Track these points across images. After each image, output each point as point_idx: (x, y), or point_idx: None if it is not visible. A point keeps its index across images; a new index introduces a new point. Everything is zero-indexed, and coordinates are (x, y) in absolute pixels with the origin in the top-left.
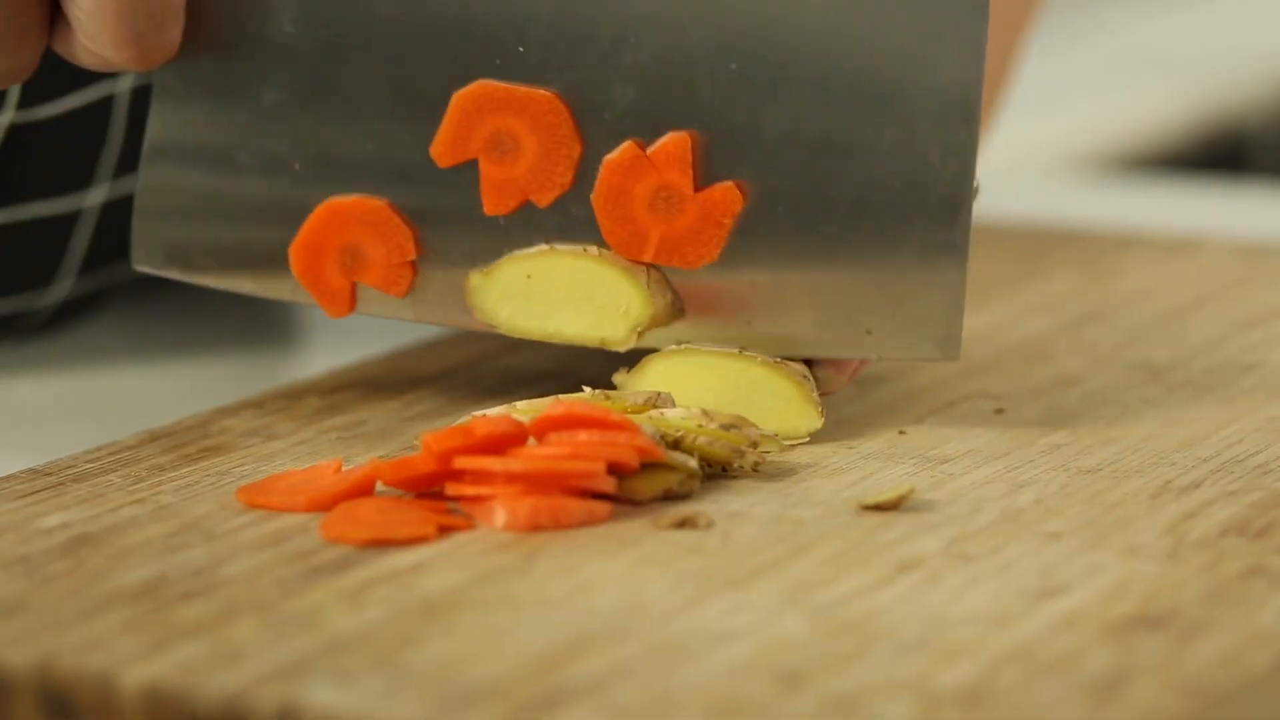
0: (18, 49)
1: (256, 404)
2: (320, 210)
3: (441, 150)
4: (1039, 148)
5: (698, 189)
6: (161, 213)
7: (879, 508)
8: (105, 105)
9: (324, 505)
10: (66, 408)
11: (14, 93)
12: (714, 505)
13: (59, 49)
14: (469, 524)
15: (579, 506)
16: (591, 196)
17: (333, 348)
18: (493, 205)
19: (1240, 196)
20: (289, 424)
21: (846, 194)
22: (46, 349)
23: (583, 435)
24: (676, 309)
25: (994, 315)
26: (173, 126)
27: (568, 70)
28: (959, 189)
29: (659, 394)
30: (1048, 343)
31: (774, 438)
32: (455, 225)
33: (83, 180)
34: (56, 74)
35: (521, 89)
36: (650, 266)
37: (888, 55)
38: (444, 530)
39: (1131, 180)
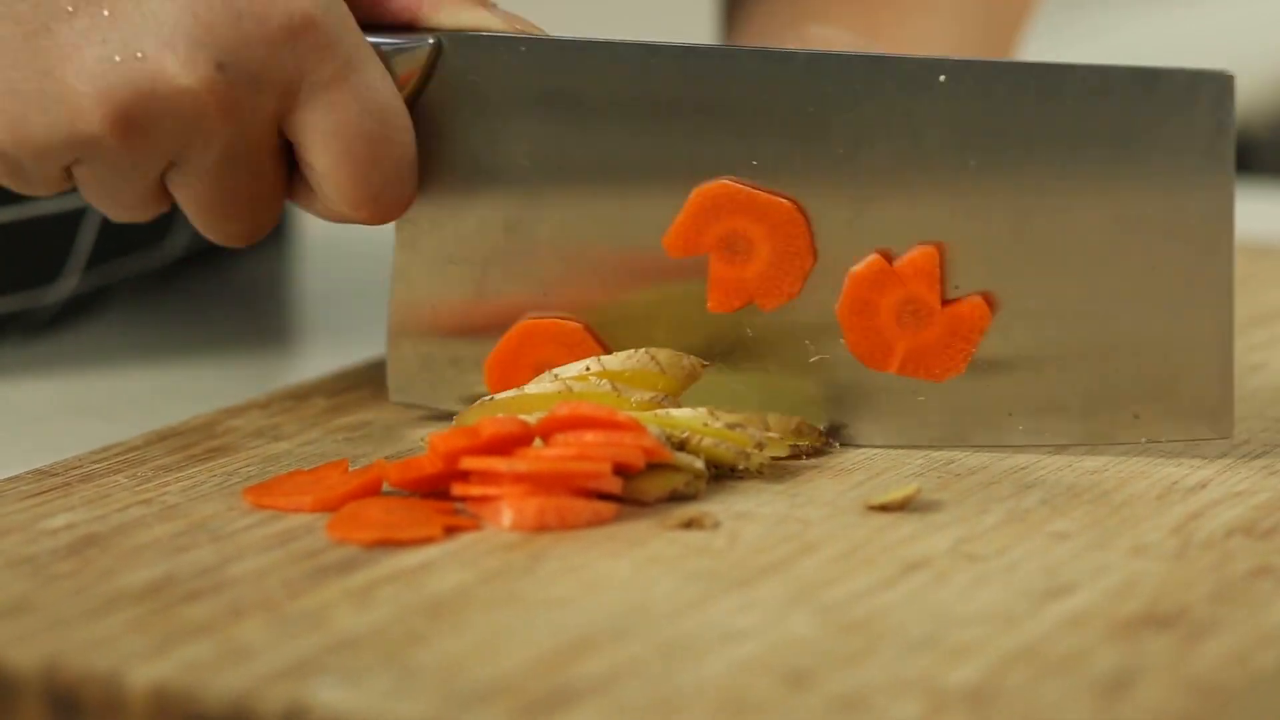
0: (259, 211)
1: (263, 404)
2: (517, 328)
3: (673, 241)
4: None
5: (945, 301)
6: (414, 343)
7: (886, 508)
8: None
9: (330, 505)
10: (73, 408)
11: None
12: (720, 505)
13: (300, 206)
14: (475, 524)
15: (585, 507)
16: (836, 307)
17: (339, 349)
18: (717, 302)
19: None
20: (295, 424)
21: (1107, 286)
22: (53, 349)
23: (589, 436)
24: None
25: None
26: (416, 257)
27: (803, 180)
28: (1221, 261)
29: (665, 396)
30: None
31: (810, 431)
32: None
33: None
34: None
35: (763, 194)
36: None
37: (1135, 135)
38: (450, 530)
39: None
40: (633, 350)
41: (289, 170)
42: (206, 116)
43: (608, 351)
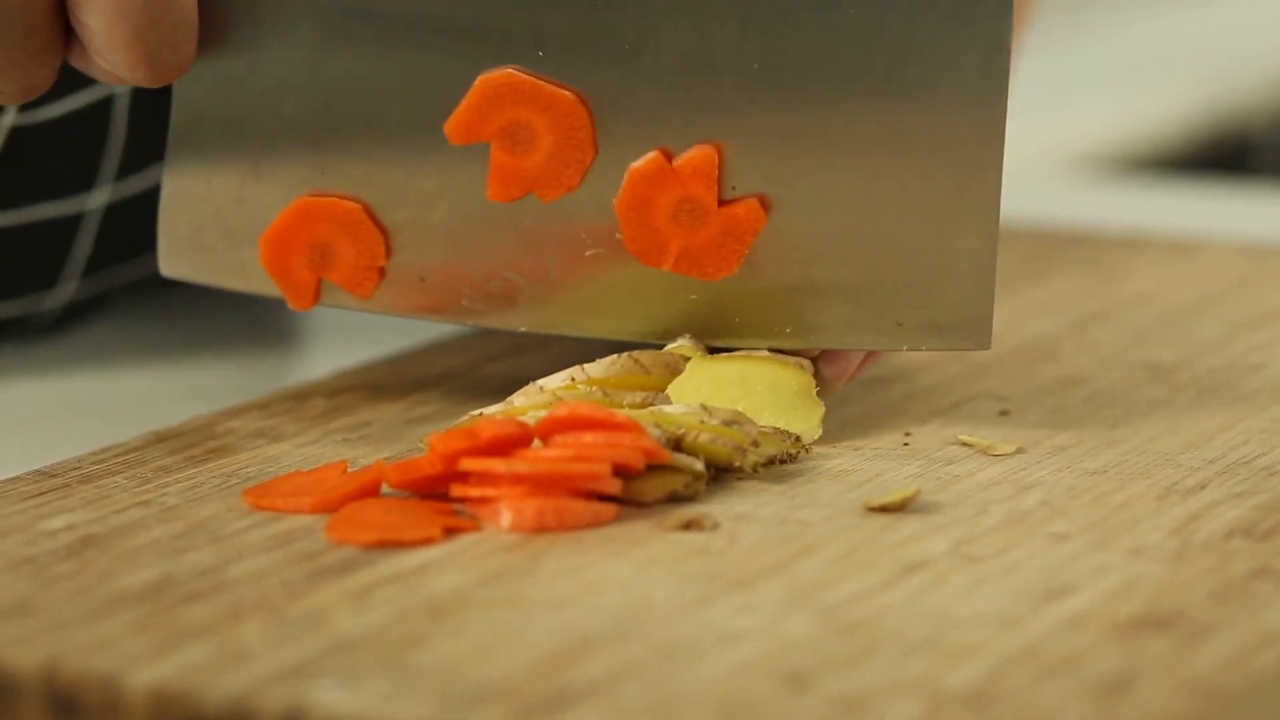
0: (34, 68)
1: (262, 405)
2: (294, 205)
3: (455, 128)
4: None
5: (722, 201)
6: (185, 220)
7: (885, 509)
8: (106, 106)
9: (330, 507)
10: (72, 409)
11: None
12: (720, 507)
13: (75, 64)
14: (474, 525)
15: (584, 508)
16: (615, 201)
17: (338, 349)
18: (496, 191)
19: (1245, 197)
20: (294, 425)
21: (878, 196)
22: (52, 350)
23: (588, 437)
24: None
25: (999, 316)
26: (193, 133)
27: (588, 73)
28: (988, 177)
29: (655, 394)
30: (1053, 344)
31: (787, 438)
32: (426, 231)
33: (85, 182)
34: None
35: (548, 86)
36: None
37: (913, 50)
38: (450, 532)
39: (1136, 181)
40: (615, 356)
41: (65, 29)
42: None
43: (387, 237)
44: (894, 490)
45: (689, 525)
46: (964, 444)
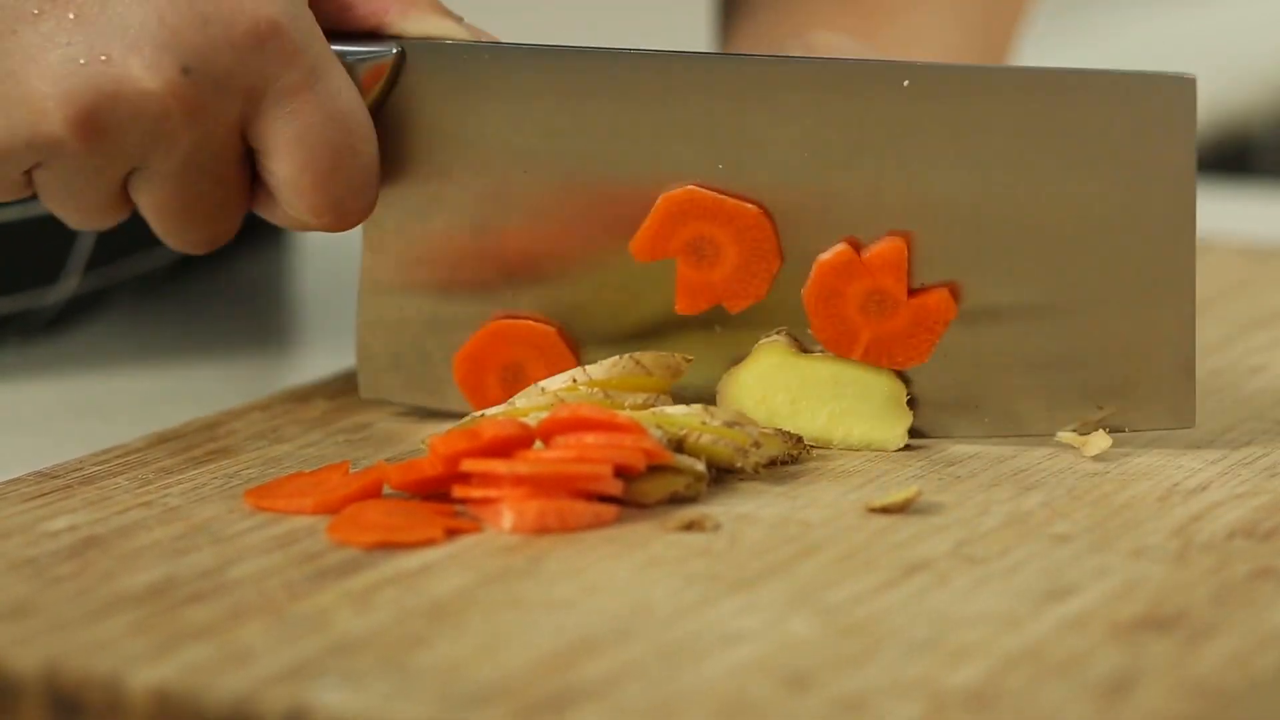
0: (220, 218)
1: (264, 407)
2: (487, 327)
3: (641, 246)
4: None
5: (912, 291)
6: (382, 345)
7: (887, 510)
8: None
9: (331, 508)
10: (73, 410)
11: None
12: (721, 508)
13: (261, 214)
14: (476, 526)
15: (586, 509)
16: (803, 292)
17: (340, 350)
18: (685, 305)
19: (1245, 198)
20: (296, 426)
21: (1071, 279)
22: (54, 351)
23: (589, 438)
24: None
25: None
26: (384, 262)
27: (769, 183)
28: (1183, 253)
29: (658, 395)
30: None
31: (789, 439)
32: (617, 346)
33: None
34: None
35: (730, 200)
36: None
37: (1100, 127)
38: (451, 533)
39: None
40: (616, 357)
41: (252, 177)
42: (170, 120)
43: (576, 353)
44: (895, 491)
45: (690, 526)
46: (1062, 443)
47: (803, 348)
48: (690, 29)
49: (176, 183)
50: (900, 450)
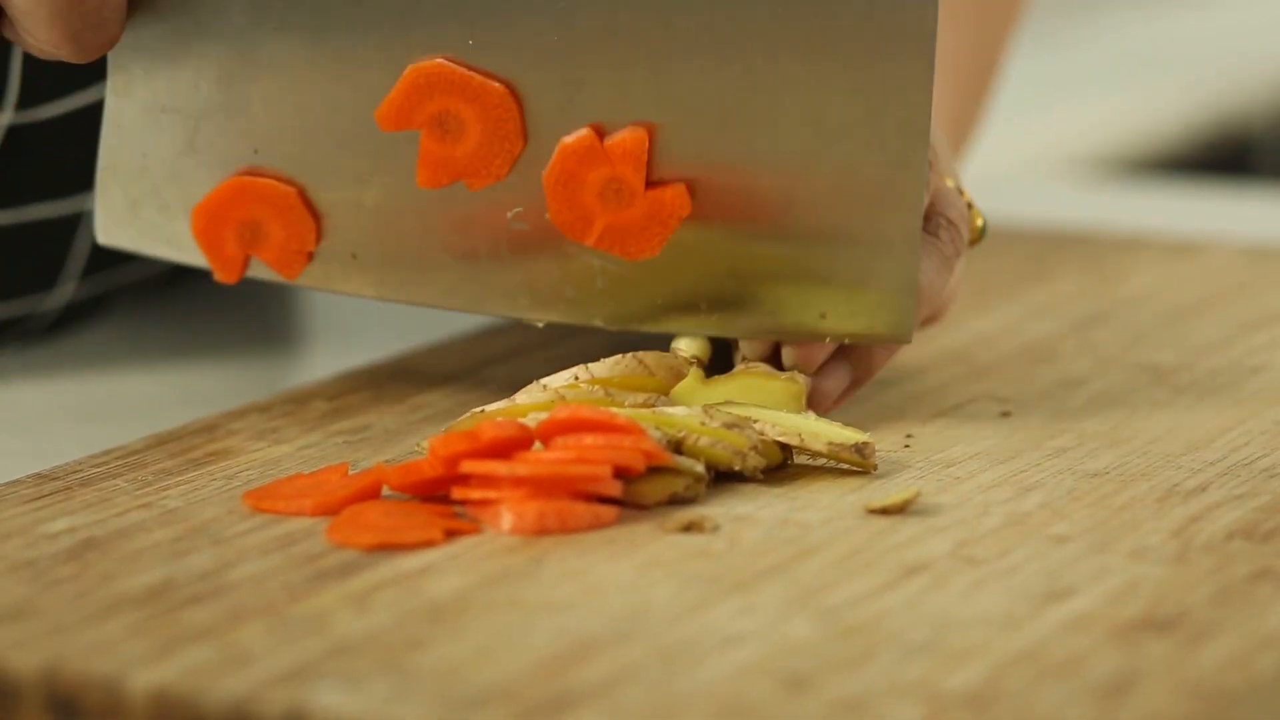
0: None
1: (263, 408)
2: (228, 182)
3: (386, 116)
4: (1044, 150)
5: (650, 184)
6: (122, 191)
7: (885, 511)
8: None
9: (331, 509)
10: (73, 412)
11: (13, 93)
12: (720, 509)
13: (7, 37)
14: (475, 528)
15: (585, 510)
16: (544, 174)
17: (339, 351)
18: (426, 179)
19: (1245, 199)
20: (295, 428)
21: (804, 183)
22: (53, 353)
23: (589, 439)
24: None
25: (999, 318)
26: (127, 106)
27: (518, 62)
28: (913, 173)
29: (658, 395)
30: (1053, 345)
31: (786, 451)
32: (359, 212)
33: (84, 182)
34: (56, 75)
35: (477, 77)
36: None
37: (841, 26)
38: (450, 534)
39: (1136, 183)
40: (619, 356)
41: None
42: None
43: (317, 219)
44: (894, 492)
45: (689, 527)
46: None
47: (706, 373)
48: None
49: None
50: (900, 451)
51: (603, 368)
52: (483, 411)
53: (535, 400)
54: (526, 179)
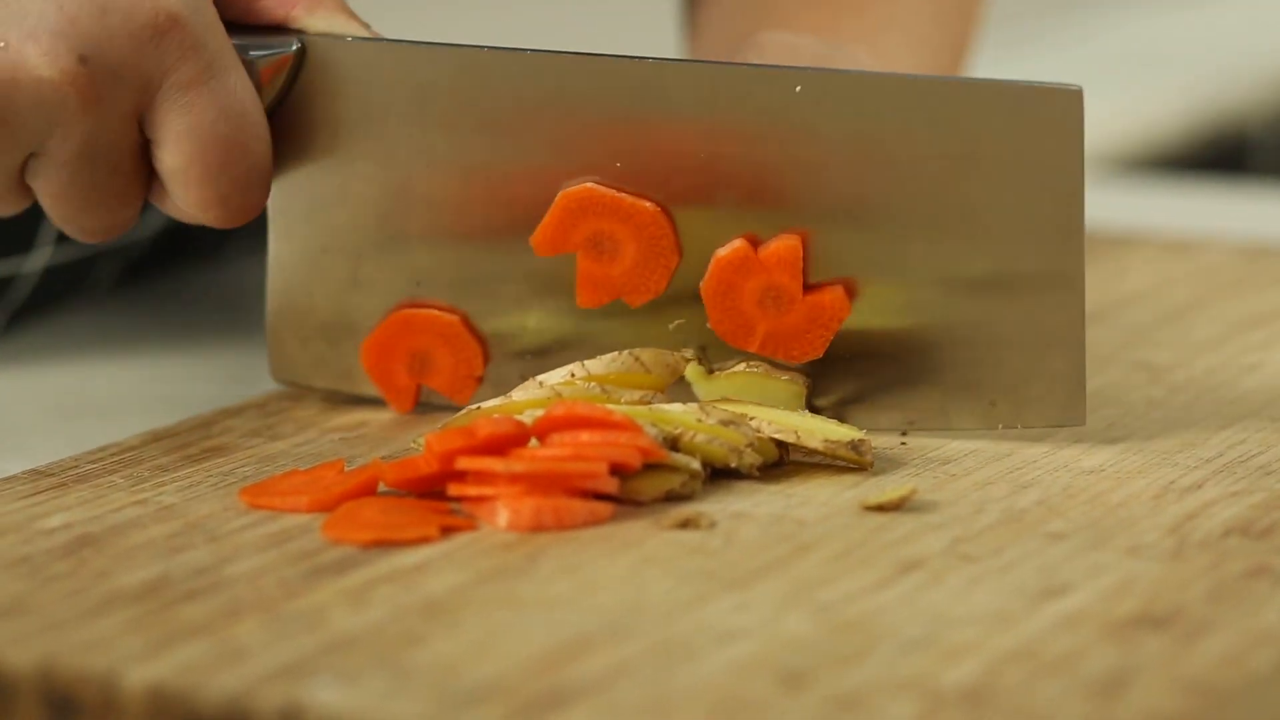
0: (117, 206)
1: (259, 404)
2: (394, 315)
3: (541, 241)
4: None
5: (808, 288)
6: (292, 332)
7: (882, 508)
8: None
9: (327, 506)
10: (68, 408)
11: None
12: (717, 506)
13: (155, 203)
14: (471, 524)
15: (581, 507)
16: (701, 286)
17: None
18: (585, 299)
19: (1241, 197)
20: (292, 425)
21: (963, 277)
22: (50, 351)
23: (585, 436)
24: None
25: None
26: (291, 251)
27: (665, 182)
28: (1072, 250)
29: (655, 393)
30: None
31: (782, 448)
32: (522, 337)
33: None
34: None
35: (627, 198)
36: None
37: (989, 129)
38: (446, 531)
39: (1133, 180)
40: (616, 353)
41: (149, 168)
42: (66, 108)
43: (484, 344)
44: (890, 489)
45: (686, 524)
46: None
47: (709, 369)
48: (657, 27)
49: (72, 170)
50: (896, 448)
51: (599, 365)
52: (479, 408)
53: (532, 397)
54: (684, 291)
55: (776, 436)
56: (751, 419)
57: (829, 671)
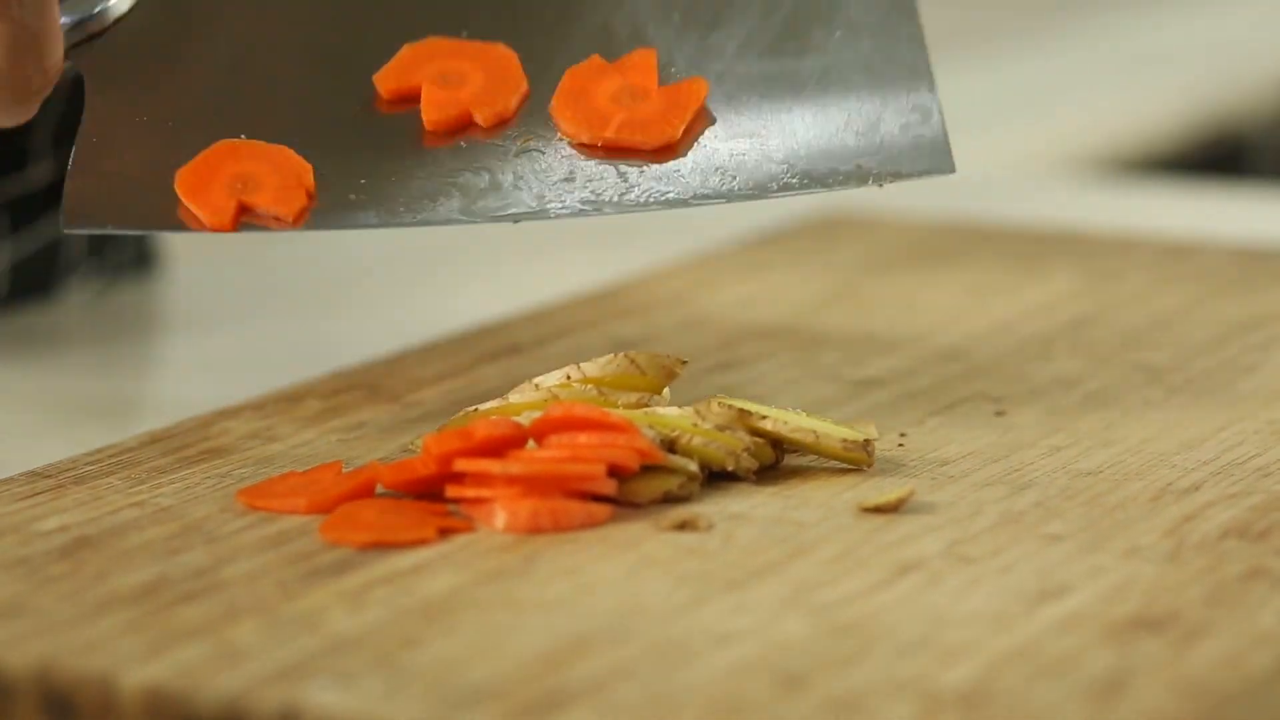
0: None
1: (257, 406)
2: (218, 145)
3: (385, 78)
4: (1038, 150)
5: (662, 85)
6: (96, 182)
7: (879, 510)
8: None
9: (324, 507)
10: (65, 410)
11: None
12: (714, 507)
13: None
14: (469, 526)
15: (579, 509)
16: (551, 102)
17: (333, 350)
18: (431, 117)
19: (1239, 199)
20: (289, 426)
21: (812, 63)
22: (47, 350)
23: (582, 437)
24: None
25: (994, 317)
26: (104, 106)
27: (514, 38)
28: (915, 41)
29: (650, 395)
30: (1047, 344)
31: (778, 448)
32: (355, 169)
33: None
34: None
35: (475, 43)
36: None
37: None
38: (444, 532)
39: (1130, 182)
40: (610, 355)
41: None
42: None
43: (311, 162)
44: (888, 491)
45: (683, 526)
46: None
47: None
48: None
49: None
50: (894, 450)
51: (594, 367)
52: (476, 410)
53: (528, 399)
54: (534, 115)
55: (793, 437)
56: (764, 419)
57: (827, 673)
